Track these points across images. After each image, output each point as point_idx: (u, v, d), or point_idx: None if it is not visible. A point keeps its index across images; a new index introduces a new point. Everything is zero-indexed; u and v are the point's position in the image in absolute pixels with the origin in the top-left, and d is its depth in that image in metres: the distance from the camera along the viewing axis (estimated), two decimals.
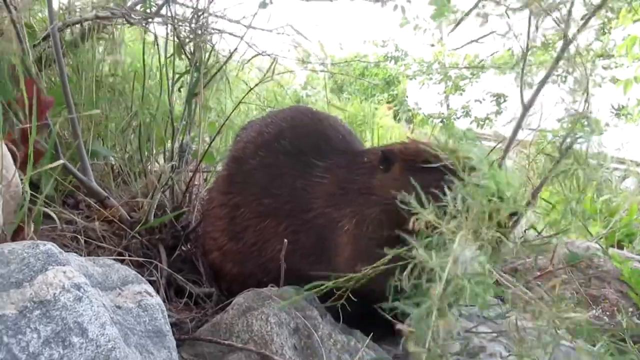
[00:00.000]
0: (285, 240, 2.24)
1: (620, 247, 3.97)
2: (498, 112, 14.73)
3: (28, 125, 2.02)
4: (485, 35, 2.35)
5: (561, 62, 2.22)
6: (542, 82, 2.42)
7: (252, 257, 2.44)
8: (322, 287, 1.77)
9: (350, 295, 1.88)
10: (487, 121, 14.58)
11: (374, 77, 14.90)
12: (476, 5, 2.17)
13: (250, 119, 3.36)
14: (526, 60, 2.39)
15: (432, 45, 12.53)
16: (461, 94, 14.41)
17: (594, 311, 2.81)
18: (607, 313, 2.80)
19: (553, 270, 2.91)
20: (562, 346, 2.12)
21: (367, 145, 3.01)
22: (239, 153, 2.66)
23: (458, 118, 14.60)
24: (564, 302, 1.37)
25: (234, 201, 2.55)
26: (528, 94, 2.46)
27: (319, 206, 2.32)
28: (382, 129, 7.14)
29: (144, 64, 3.17)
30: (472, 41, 2.49)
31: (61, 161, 2.26)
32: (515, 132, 2.42)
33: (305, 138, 2.50)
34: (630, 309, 2.76)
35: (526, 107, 2.37)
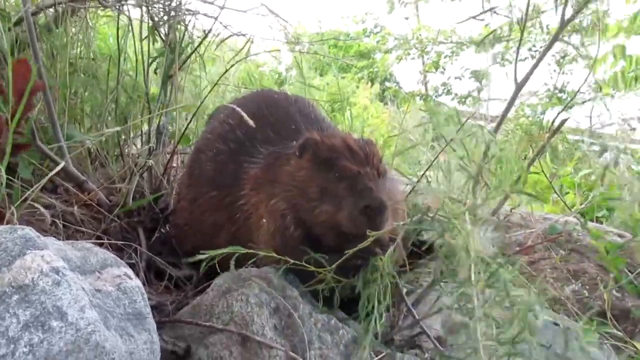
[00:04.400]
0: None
1: (600, 222, 3.99)
2: (479, 89, 14.71)
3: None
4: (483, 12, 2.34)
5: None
6: (538, 60, 2.41)
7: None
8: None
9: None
10: (468, 98, 14.58)
11: (347, 51, 14.74)
12: None
13: (224, 101, 3.34)
14: (522, 36, 2.37)
15: (407, 18, 12.52)
16: (442, 72, 14.41)
17: (574, 285, 2.84)
18: (587, 287, 2.83)
19: (532, 245, 2.93)
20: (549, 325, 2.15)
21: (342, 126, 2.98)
22: (200, 144, 2.68)
23: (439, 95, 14.60)
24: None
25: (191, 195, 2.57)
26: (506, 70, 2.47)
27: (246, 191, 2.30)
28: (359, 108, 7.09)
29: (118, 47, 3.13)
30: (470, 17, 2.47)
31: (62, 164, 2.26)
32: (506, 111, 2.42)
33: (258, 126, 2.40)
34: (610, 283, 2.77)
35: (519, 86, 2.37)
